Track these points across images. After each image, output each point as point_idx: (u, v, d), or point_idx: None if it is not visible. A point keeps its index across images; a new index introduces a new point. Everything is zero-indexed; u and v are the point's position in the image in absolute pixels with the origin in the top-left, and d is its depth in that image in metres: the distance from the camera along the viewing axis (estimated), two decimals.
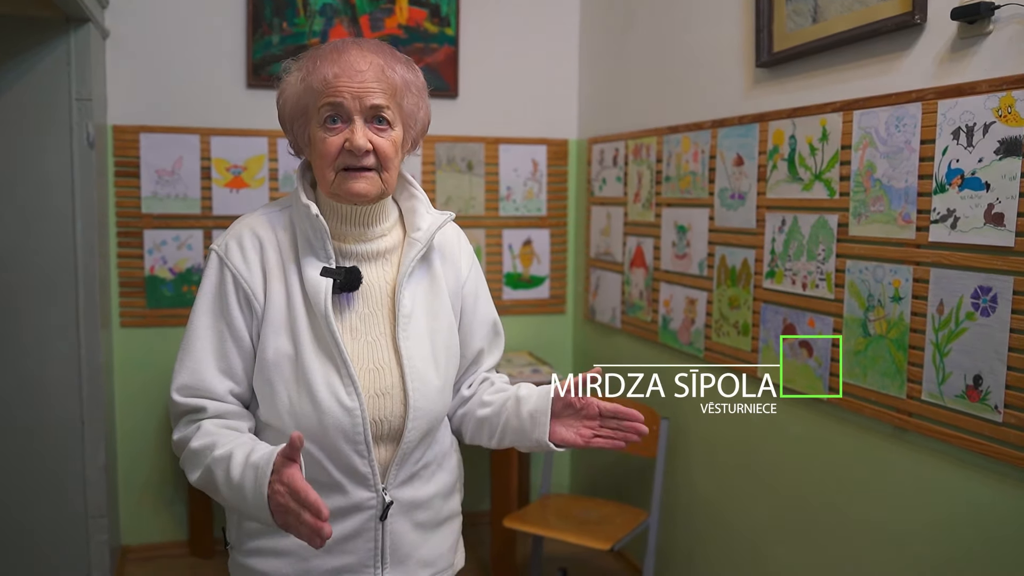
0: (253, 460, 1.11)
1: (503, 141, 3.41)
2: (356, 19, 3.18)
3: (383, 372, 1.25)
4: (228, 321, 1.23)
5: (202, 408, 1.22)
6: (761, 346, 2.28)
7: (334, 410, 1.20)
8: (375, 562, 1.27)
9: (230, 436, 1.19)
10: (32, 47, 2.58)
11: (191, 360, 1.22)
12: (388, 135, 1.22)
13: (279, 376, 1.22)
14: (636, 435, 1.27)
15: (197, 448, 1.19)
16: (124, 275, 3.05)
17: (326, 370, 1.21)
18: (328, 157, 1.21)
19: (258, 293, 1.24)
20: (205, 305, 1.24)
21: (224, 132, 3.09)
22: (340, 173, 1.22)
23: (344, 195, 1.23)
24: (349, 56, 1.20)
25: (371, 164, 1.22)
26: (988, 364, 1.60)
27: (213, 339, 1.23)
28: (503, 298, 3.47)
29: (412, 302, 1.29)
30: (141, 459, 3.14)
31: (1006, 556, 1.60)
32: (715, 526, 2.55)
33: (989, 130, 1.58)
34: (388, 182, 1.25)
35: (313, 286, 1.22)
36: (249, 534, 1.28)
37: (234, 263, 1.24)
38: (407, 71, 1.25)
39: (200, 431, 1.20)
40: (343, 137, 1.20)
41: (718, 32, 2.47)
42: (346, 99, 1.19)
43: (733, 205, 2.39)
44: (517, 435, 1.33)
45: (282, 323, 1.23)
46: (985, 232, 1.60)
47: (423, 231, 1.30)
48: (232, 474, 1.12)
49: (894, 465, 1.86)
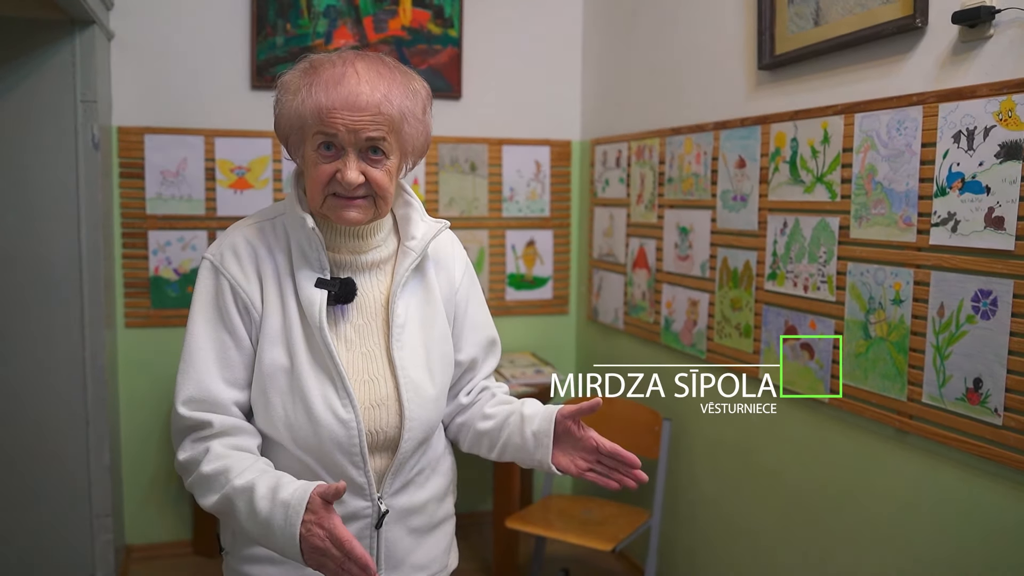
0: (283, 498, 1.09)
1: (506, 142, 3.42)
2: (360, 20, 3.19)
3: (378, 383, 1.25)
4: (230, 329, 1.22)
5: (208, 423, 1.19)
6: (763, 348, 2.28)
7: (330, 422, 1.20)
8: None
9: (245, 461, 1.17)
10: (37, 49, 2.60)
11: (195, 371, 1.20)
12: (383, 165, 1.19)
13: (274, 387, 1.21)
14: (632, 482, 1.24)
15: (209, 473, 1.16)
16: (129, 276, 3.07)
17: (321, 382, 1.21)
18: (319, 183, 1.19)
19: (256, 302, 1.23)
20: (203, 314, 1.22)
21: (228, 133, 3.10)
22: (331, 198, 1.20)
23: (335, 220, 1.22)
24: (346, 86, 1.15)
25: (362, 194, 1.20)
26: (988, 367, 1.60)
27: (216, 349, 1.21)
28: (506, 299, 3.48)
29: (406, 312, 1.28)
30: (145, 459, 3.15)
31: (1006, 558, 1.61)
32: (717, 527, 2.56)
33: (990, 134, 1.58)
34: (382, 208, 1.23)
35: (308, 297, 1.21)
36: (245, 540, 1.27)
37: (231, 271, 1.23)
38: (406, 98, 1.20)
39: (210, 454, 1.17)
40: (334, 167, 1.17)
41: (720, 34, 2.47)
42: (340, 132, 1.15)
43: (735, 207, 2.40)
44: (519, 452, 1.32)
45: (278, 334, 1.22)
46: (985, 235, 1.60)
47: (417, 240, 1.29)
48: (258, 508, 1.10)
49: (894, 467, 1.86)
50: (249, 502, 1.12)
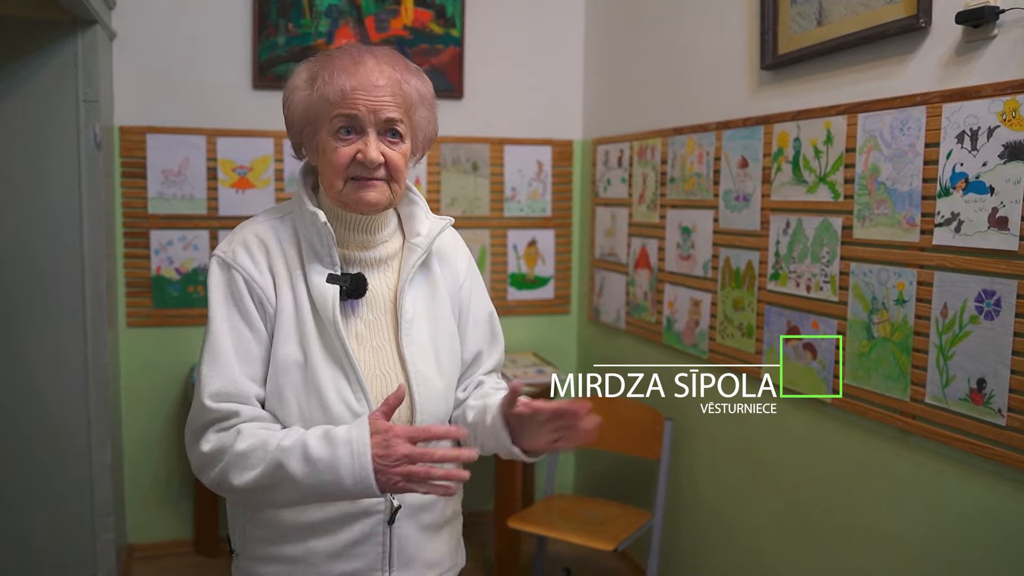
0: (341, 437, 1.10)
1: (508, 142, 3.42)
2: (362, 20, 3.19)
3: (389, 377, 1.26)
4: (249, 323, 1.22)
5: (235, 412, 1.18)
6: (765, 348, 2.28)
7: (345, 416, 1.21)
8: (383, 565, 1.28)
9: (281, 431, 1.17)
10: (39, 49, 2.60)
11: (222, 365, 1.19)
12: (399, 148, 1.23)
13: (288, 382, 1.22)
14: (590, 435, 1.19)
15: (245, 449, 1.15)
16: (130, 275, 3.07)
17: (335, 377, 1.22)
18: (339, 167, 1.21)
19: (271, 296, 1.23)
20: (222, 310, 1.22)
21: (230, 133, 3.10)
22: (350, 182, 1.22)
23: (354, 204, 1.24)
24: (366, 68, 1.20)
25: (382, 176, 1.23)
26: (991, 367, 1.60)
27: (238, 343, 1.21)
28: (508, 298, 3.48)
29: (414, 307, 1.30)
30: (147, 458, 3.15)
31: (1008, 559, 1.60)
32: (719, 527, 2.55)
33: (993, 134, 1.58)
34: (397, 192, 1.26)
35: (320, 293, 1.22)
36: (256, 540, 1.27)
37: (245, 267, 1.23)
38: (420, 84, 1.26)
39: (242, 435, 1.16)
40: (355, 148, 1.20)
41: (723, 34, 2.47)
42: (361, 112, 1.19)
43: (737, 207, 2.39)
44: (494, 444, 1.29)
45: (291, 329, 1.23)
46: (989, 236, 1.60)
47: (423, 236, 1.32)
48: (316, 456, 1.10)
49: (897, 467, 1.86)
50: (304, 456, 1.11)
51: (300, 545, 1.24)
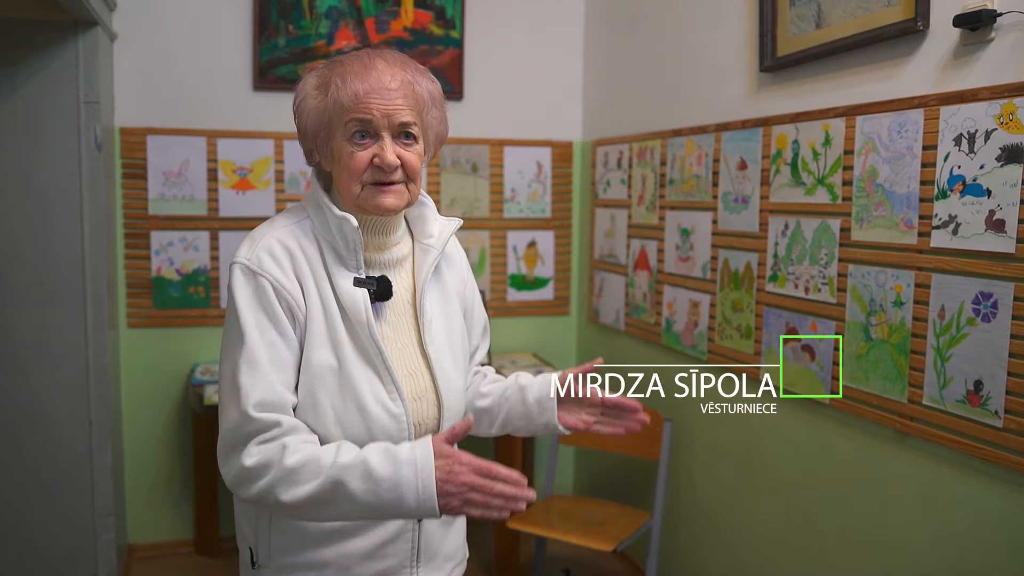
0: (405, 457, 1.11)
1: (508, 143, 3.42)
2: (362, 21, 3.19)
3: (417, 377, 1.28)
4: (281, 331, 1.20)
5: (277, 423, 1.16)
6: (764, 349, 2.29)
7: (382, 417, 1.22)
8: (412, 562, 1.30)
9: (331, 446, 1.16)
10: (40, 50, 2.61)
11: (262, 375, 1.17)
12: (414, 149, 1.24)
13: (323, 388, 1.20)
14: (637, 425, 1.37)
15: (296, 464, 1.13)
16: (131, 276, 3.07)
17: (371, 379, 1.22)
18: (356, 172, 1.21)
19: (300, 303, 1.21)
20: (252, 318, 1.19)
21: (230, 134, 3.10)
22: (368, 187, 1.22)
23: (372, 208, 1.24)
24: (377, 72, 1.21)
25: (400, 178, 1.23)
26: (989, 369, 1.61)
27: (271, 351, 1.19)
28: (507, 299, 3.49)
29: (432, 307, 1.33)
30: (148, 458, 3.16)
31: (1006, 560, 1.61)
32: (718, 527, 2.56)
33: (991, 137, 1.59)
34: (414, 193, 1.27)
35: (349, 296, 1.22)
36: (283, 549, 1.26)
37: (272, 274, 1.20)
38: (430, 84, 1.27)
39: (288, 449, 1.14)
40: (371, 152, 1.21)
41: (722, 36, 2.48)
42: (375, 116, 1.19)
43: (736, 208, 2.40)
44: (522, 420, 1.42)
45: (323, 335, 1.21)
46: (986, 238, 1.60)
47: (435, 237, 1.34)
48: (379, 475, 1.10)
49: (895, 468, 1.87)
50: (365, 474, 1.11)
51: (332, 548, 1.24)
